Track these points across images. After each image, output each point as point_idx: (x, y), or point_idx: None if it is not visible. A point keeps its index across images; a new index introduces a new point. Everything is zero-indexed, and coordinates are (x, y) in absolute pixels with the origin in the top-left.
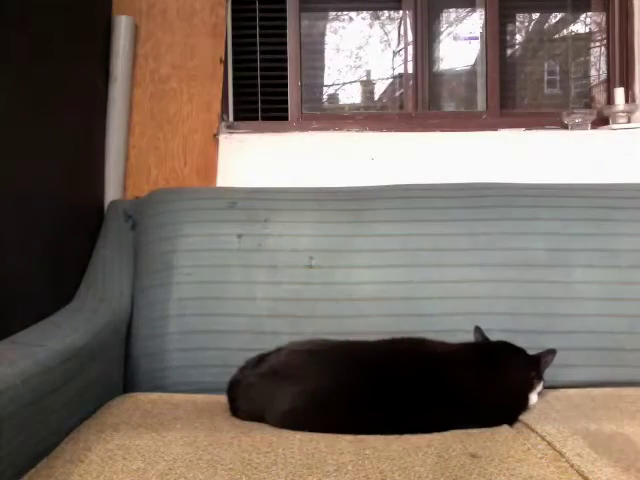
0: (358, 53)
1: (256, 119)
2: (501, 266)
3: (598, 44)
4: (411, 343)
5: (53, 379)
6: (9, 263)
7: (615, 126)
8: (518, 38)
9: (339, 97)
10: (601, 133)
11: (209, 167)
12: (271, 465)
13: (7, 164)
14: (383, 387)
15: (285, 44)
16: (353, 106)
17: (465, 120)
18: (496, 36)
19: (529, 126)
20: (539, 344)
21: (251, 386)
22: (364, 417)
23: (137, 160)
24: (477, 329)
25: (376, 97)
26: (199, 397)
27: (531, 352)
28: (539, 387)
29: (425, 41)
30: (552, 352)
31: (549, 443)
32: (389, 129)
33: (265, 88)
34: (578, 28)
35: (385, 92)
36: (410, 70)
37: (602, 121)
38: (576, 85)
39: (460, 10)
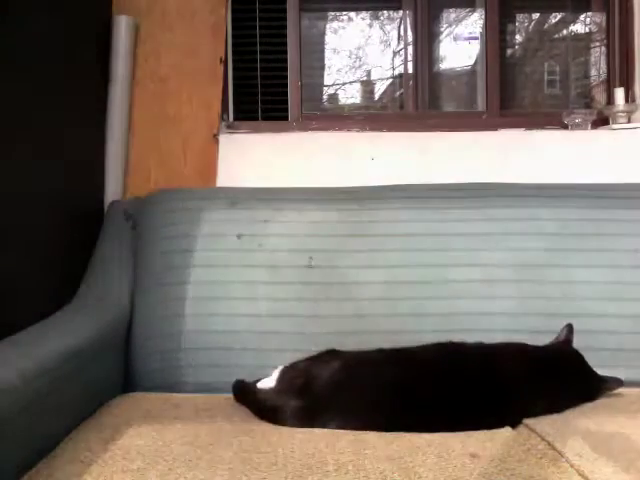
0: (358, 53)
1: (256, 119)
2: (501, 266)
3: (598, 44)
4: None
5: (53, 379)
6: (9, 263)
7: (615, 126)
8: (518, 38)
9: (339, 97)
10: (601, 133)
11: (209, 167)
12: (271, 465)
13: (7, 164)
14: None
15: (285, 44)
16: (353, 106)
17: (465, 120)
18: (496, 36)
19: (529, 126)
20: (538, 344)
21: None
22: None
23: (137, 160)
24: (568, 326)
25: (376, 97)
26: (199, 397)
27: None
28: None
29: (425, 41)
30: (618, 382)
31: (549, 443)
32: (389, 129)
33: (265, 88)
34: (578, 28)
35: (385, 92)
36: (410, 70)
37: (602, 121)
38: (576, 85)
39: (460, 10)
